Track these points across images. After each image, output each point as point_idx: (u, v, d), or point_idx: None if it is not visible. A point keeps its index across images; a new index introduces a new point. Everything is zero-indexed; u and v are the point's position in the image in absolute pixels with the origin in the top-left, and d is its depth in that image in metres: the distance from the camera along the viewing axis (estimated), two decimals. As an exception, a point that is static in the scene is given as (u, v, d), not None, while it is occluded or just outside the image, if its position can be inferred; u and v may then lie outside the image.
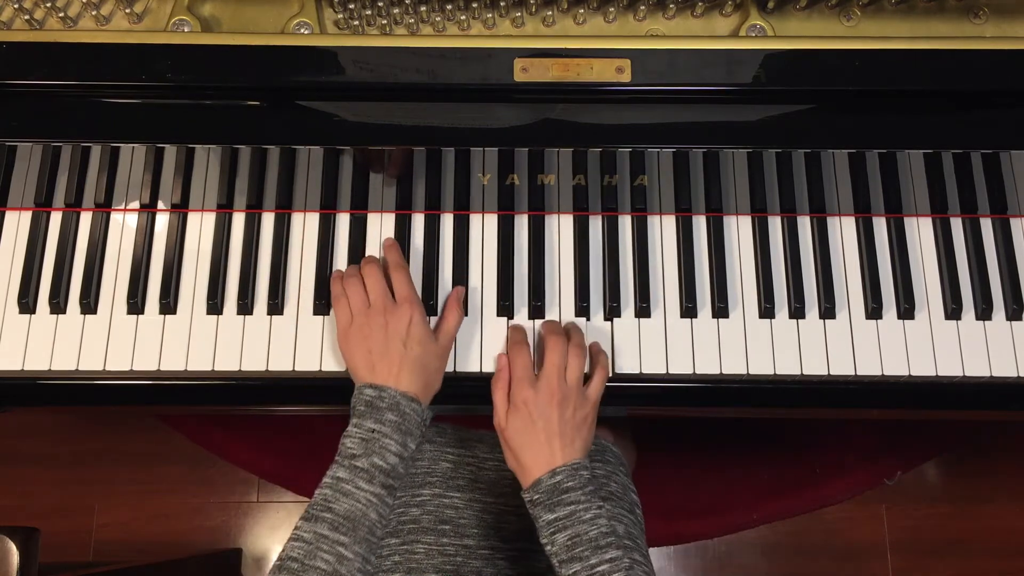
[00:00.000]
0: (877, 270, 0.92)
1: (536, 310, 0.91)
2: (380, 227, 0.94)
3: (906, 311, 0.91)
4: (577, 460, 0.80)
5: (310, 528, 0.74)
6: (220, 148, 0.93)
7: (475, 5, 0.85)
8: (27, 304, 0.90)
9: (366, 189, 0.94)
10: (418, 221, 0.94)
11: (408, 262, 0.92)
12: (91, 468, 1.67)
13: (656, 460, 1.63)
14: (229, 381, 0.90)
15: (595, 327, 0.91)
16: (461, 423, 1.09)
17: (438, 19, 0.85)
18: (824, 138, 0.86)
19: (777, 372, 0.89)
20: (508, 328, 0.90)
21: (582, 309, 0.91)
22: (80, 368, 0.89)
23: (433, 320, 0.90)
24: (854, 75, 0.82)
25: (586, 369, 0.87)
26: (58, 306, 0.90)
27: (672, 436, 1.67)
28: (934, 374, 0.89)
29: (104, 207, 0.94)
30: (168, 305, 0.90)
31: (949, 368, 0.89)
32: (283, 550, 0.74)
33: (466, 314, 0.91)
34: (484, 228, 0.94)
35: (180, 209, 0.94)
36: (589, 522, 0.76)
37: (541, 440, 0.80)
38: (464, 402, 0.92)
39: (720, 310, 0.91)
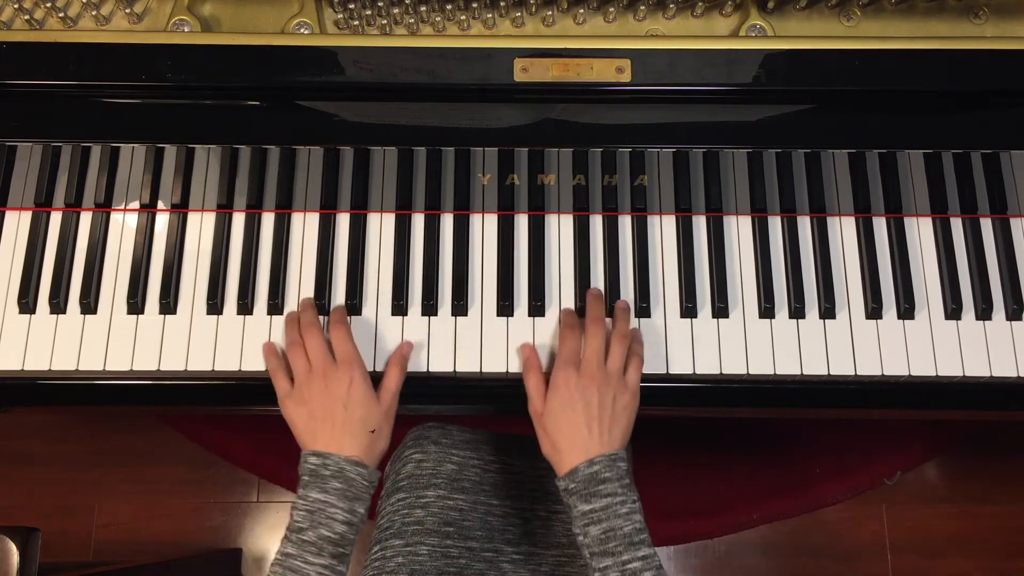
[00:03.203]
0: (877, 270, 0.92)
1: (536, 309, 0.91)
2: (380, 227, 0.94)
3: (906, 311, 0.91)
4: (615, 450, 0.79)
5: None
6: (220, 148, 0.93)
7: (475, 5, 0.85)
8: (27, 304, 0.90)
9: (366, 189, 0.94)
10: (418, 221, 0.94)
11: (408, 262, 0.92)
12: (91, 468, 1.67)
13: (657, 460, 1.63)
14: (229, 381, 0.90)
15: (595, 327, 0.91)
16: (466, 424, 1.09)
17: (438, 19, 0.85)
18: (824, 138, 0.86)
19: (777, 372, 0.89)
20: (560, 312, 0.90)
21: (582, 309, 0.91)
22: (80, 368, 0.89)
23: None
24: (854, 75, 0.82)
25: None
26: (58, 306, 0.90)
27: (672, 436, 1.67)
28: (934, 374, 0.89)
29: (104, 207, 0.94)
30: (168, 305, 0.90)
31: (949, 368, 0.89)
32: None
33: (465, 314, 0.91)
34: (484, 228, 0.94)
35: (180, 209, 0.94)
36: (624, 516, 0.75)
37: (580, 423, 0.79)
38: (465, 402, 0.92)
39: (720, 310, 0.91)
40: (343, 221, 0.94)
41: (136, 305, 0.90)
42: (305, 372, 0.84)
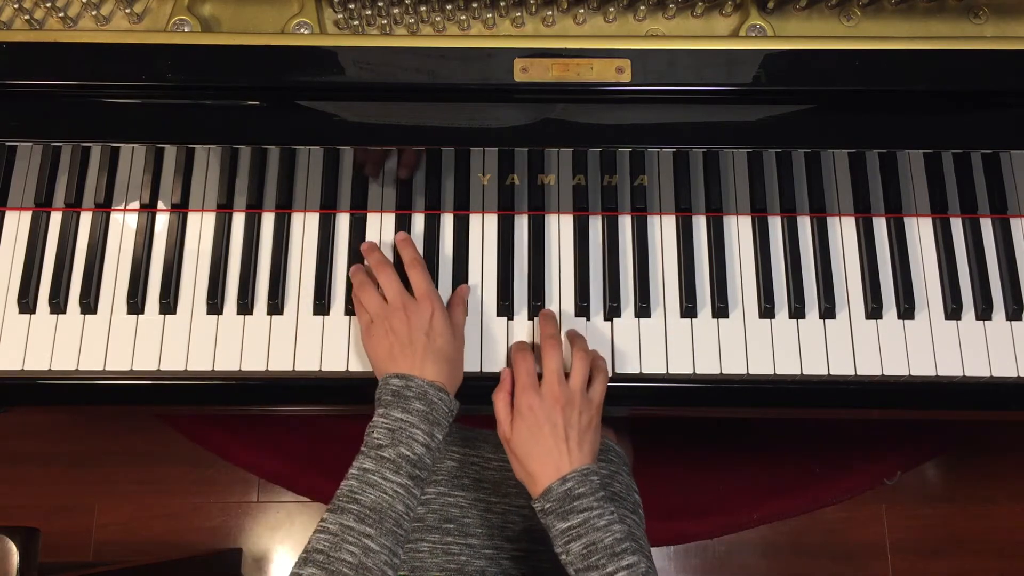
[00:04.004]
0: (877, 270, 0.92)
1: (536, 310, 0.91)
2: (380, 227, 0.94)
3: (906, 311, 0.91)
4: (587, 465, 0.79)
5: (336, 520, 0.73)
6: (220, 148, 0.93)
7: (475, 5, 0.85)
8: (27, 304, 0.90)
9: (366, 189, 0.94)
10: (418, 221, 0.94)
11: (408, 262, 0.92)
12: (91, 468, 1.67)
13: (656, 460, 1.63)
14: (229, 381, 0.90)
15: (595, 327, 0.91)
16: (466, 422, 1.09)
17: (438, 19, 0.85)
18: (824, 138, 0.86)
19: (777, 372, 0.89)
20: (510, 341, 0.90)
21: (582, 309, 0.91)
22: (80, 368, 0.89)
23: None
24: (854, 75, 0.82)
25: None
26: (58, 306, 0.90)
27: (672, 436, 1.67)
28: (934, 374, 0.89)
29: (104, 207, 0.94)
30: (168, 305, 0.90)
31: (949, 368, 0.89)
32: (309, 542, 0.73)
33: (466, 313, 0.91)
34: (484, 228, 0.94)
35: (180, 209, 0.94)
36: (604, 528, 0.75)
37: (549, 446, 0.79)
38: (466, 401, 0.92)
39: (720, 310, 0.91)
40: (343, 221, 0.94)
41: (136, 305, 0.90)
42: (381, 307, 0.85)
